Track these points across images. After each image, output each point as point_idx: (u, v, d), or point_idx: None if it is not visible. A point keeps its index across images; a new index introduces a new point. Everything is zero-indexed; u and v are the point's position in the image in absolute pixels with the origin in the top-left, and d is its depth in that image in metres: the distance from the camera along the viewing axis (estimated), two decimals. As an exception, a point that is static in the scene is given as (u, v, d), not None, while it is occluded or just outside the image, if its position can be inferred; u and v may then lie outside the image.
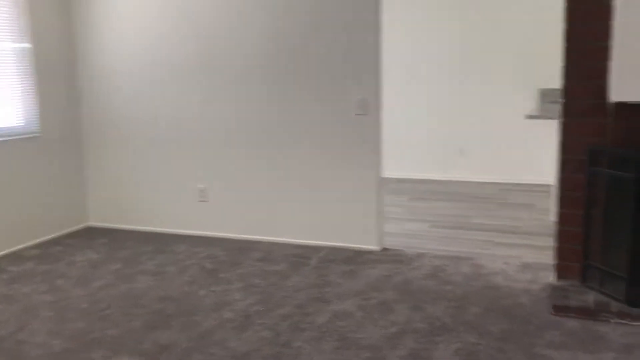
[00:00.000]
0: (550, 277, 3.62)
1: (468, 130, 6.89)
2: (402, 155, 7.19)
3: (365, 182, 4.23)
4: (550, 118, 4.94)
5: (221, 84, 4.54)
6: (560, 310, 3.09)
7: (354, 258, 4.13)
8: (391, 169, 7.18)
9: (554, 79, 6.47)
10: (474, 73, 6.76)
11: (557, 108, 5.66)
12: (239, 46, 4.42)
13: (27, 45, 4.55)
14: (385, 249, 4.31)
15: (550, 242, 4.43)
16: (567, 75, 3.29)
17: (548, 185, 6.50)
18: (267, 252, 4.33)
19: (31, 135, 4.63)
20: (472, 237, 4.66)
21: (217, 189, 4.72)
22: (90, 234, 5.00)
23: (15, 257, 4.37)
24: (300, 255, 4.22)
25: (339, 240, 4.38)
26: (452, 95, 6.90)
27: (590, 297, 3.21)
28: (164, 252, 4.43)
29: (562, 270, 3.46)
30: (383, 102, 4.17)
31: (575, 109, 3.30)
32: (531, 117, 5.02)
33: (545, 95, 6.51)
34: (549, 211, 5.32)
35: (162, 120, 4.79)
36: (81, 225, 5.17)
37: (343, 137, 4.23)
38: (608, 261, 3.23)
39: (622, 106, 3.16)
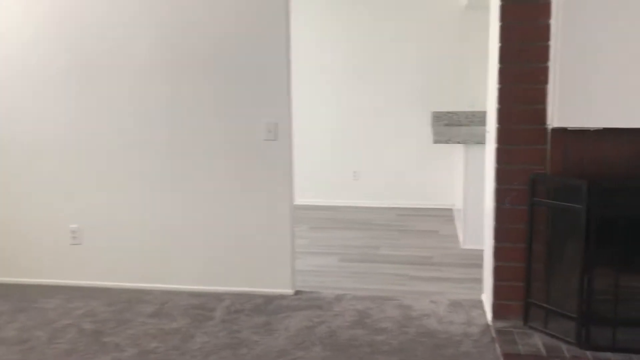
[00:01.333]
0: (486, 317, 3.33)
1: (362, 154, 6.62)
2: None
3: (274, 217, 3.71)
4: (459, 142, 4.76)
5: (101, 100, 3.81)
6: (512, 359, 2.78)
7: (265, 306, 3.58)
8: (283, 196, 6.71)
9: (446, 102, 6.42)
10: (368, 94, 6.52)
11: (453, 131, 5.54)
12: (127, 56, 3.74)
13: None
14: (298, 292, 3.81)
15: (468, 273, 4.20)
16: (502, 98, 3.04)
17: (446, 209, 6.38)
18: (161, 303, 3.64)
19: None
20: (385, 271, 4.30)
21: (93, 228, 3.94)
22: None
23: None
24: (201, 307, 3.58)
25: (245, 284, 3.80)
26: (345, 117, 6.59)
27: (538, 341, 2.94)
28: (27, 310, 3.58)
29: (500, 310, 3.18)
30: (294, 125, 3.70)
31: (511, 134, 3.05)
32: (439, 141, 4.81)
33: (438, 118, 6.42)
34: (458, 238, 5.13)
35: (17, 143, 3.94)
36: None
37: (249, 166, 3.69)
38: (553, 299, 2.99)
39: (561, 132, 2.96)
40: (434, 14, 6.31)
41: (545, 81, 2.96)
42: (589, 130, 2.91)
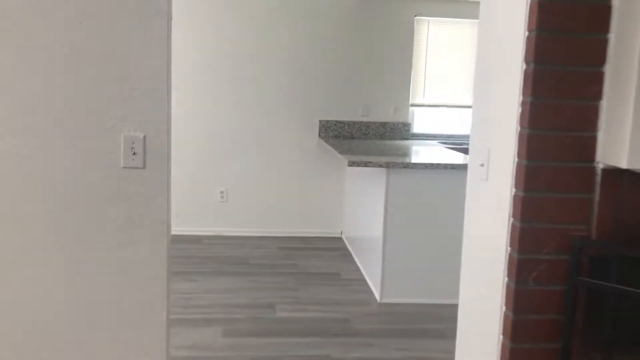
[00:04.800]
0: None
1: (231, 169, 5.24)
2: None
3: (137, 298, 2.24)
4: (382, 166, 3.62)
5: None
6: None
7: None
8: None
9: (335, 109, 5.30)
10: (241, 97, 5.16)
11: (345, 144, 4.36)
12: None
13: None
14: (176, 411, 2.38)
15: (407, 347, 3.09)
16: (532, 118, 1.92)
17: (334, 238, 5.25)
18: None
19: None
20: (297, 351, 3.03)
21: None
22: None
23: None
24: None
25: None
26: (210, 122, 5.17)
27: None
28: None
29: None
30: (173, 144, 2.27)
31: (544, 176, 1.95)
32: (356, 164, 3.62)
33: (326, 128, 5.27)
34: (368, 284, 4.00)
35: None
36: None
37: (100, 211, 2.17)
38: None
39: (616, 175, 1.92)
40: (321, 8, 5.14)
41: (598, 95, 1.90)
42: (658, 173, 1.90)
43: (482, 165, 2.26)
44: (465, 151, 4.73)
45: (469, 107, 5.37)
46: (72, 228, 2.16)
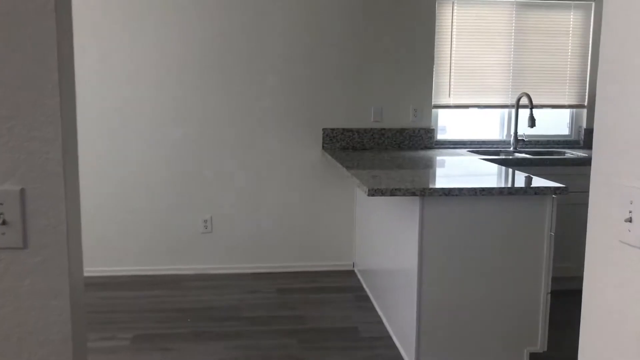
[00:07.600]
0: None
1: (217, 193, 4.27)
2: (102, 243, 4.19)
3: None
4: (415, 194, 2.64)
5: None
6: None
7: None
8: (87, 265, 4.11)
9: (341, 116, 4.31)
10: (226, 103, 4.19)
11: (356, 157, 3.31)
12: None
13: None
14: None
15: None
16: None
17: (345, 272, 4.27)
18: None
19: None
20: None
21: None
22: None
23: None
24: None
25: None
26: (188, 134, 4.20)
27: None
28: None
29: None
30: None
31: None
32: (378, 192, 2.64)
33: (331, 138, 4.29)
34: (394, 343, 3.03)
35: None
36: None
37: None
38: None
39: None
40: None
41: None
42: None
43: (629, 220, 1.28)
44: (505, 162, 3.78)
45: (506, 106, 4.43)
46: None
